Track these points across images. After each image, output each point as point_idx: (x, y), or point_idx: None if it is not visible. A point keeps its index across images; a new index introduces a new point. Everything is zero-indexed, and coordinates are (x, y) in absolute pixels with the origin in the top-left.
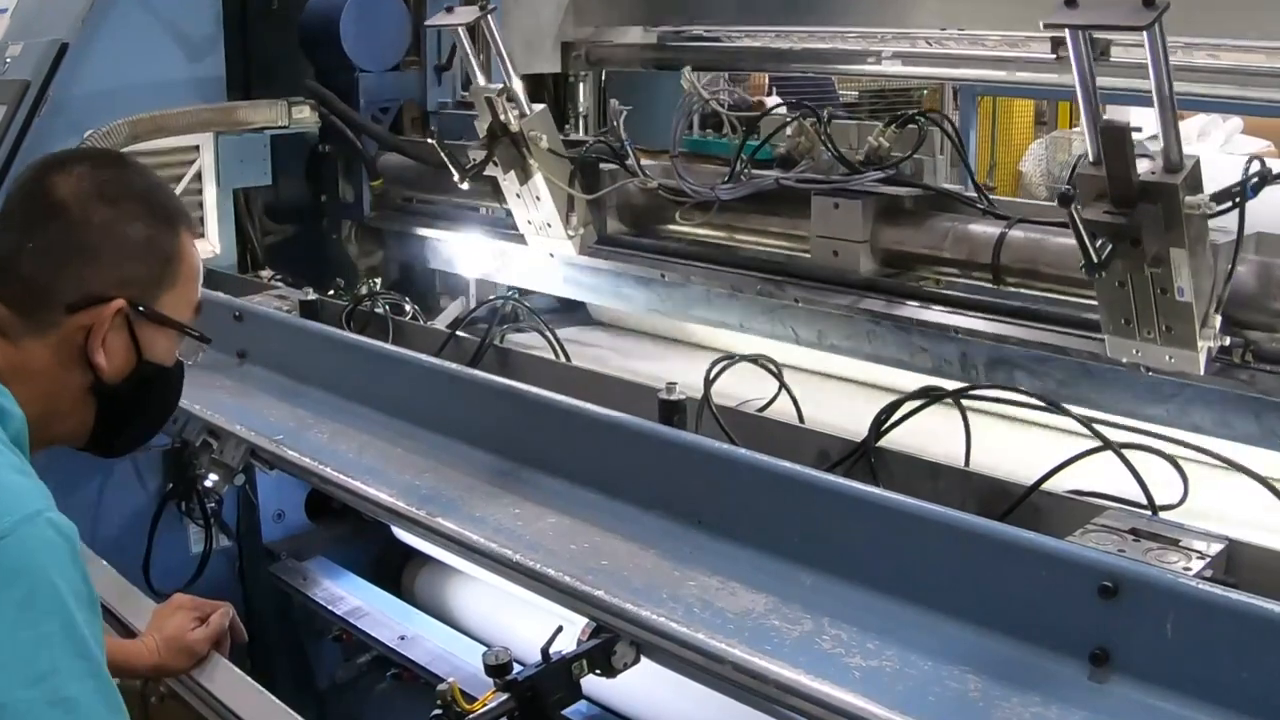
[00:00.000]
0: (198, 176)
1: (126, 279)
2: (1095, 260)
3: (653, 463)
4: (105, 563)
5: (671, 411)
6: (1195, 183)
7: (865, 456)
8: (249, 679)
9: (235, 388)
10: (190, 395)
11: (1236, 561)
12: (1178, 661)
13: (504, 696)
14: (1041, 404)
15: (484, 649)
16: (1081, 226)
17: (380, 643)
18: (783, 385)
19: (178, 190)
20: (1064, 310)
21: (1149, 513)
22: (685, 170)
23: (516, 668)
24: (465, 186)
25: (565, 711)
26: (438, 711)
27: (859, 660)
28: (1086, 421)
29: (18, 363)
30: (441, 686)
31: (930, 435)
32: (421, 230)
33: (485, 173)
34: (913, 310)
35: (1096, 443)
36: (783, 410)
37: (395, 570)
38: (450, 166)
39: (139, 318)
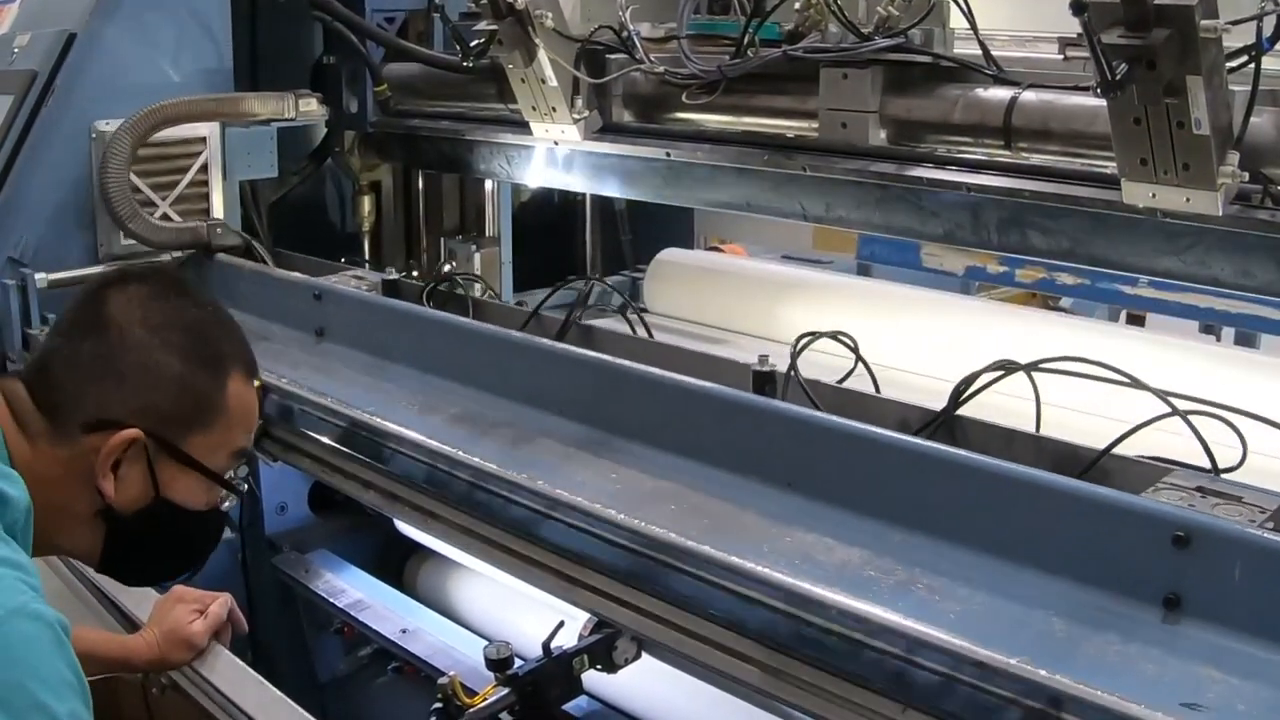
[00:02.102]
0: (204, 168)
1: (148, 410)
2: (1111, 80)
3: (747, 430)
4: None
5: (764, 382)
6: (1211, 6)
7: (945, 424)
8: (250, 670)
9: (317, 363)
10: (270, 369)
11: None
12: (1244, 604)
13: (505, 691)
14: (1119, 378)
15: (485, 643)
16: (1095, 42)
17: (382, 636)
18: (859, 359)
19: (183, 182)
20: (1077, 166)
21: (1211, 474)
22: (691, 51)
23: (518, 662)
24: (470, 64)
25: (566, 707)
26: (438, 705)
27: (953, 605)
28: (1162, 394)
29: (31, 462)
30: (442, 680)
31: (994, 408)
32: (425, 134)
33: (489, 56)
34: (923, 171)
35: (1163, 408)
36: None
37: (397, 564)
38: (456, 42)
39: (159, 453)
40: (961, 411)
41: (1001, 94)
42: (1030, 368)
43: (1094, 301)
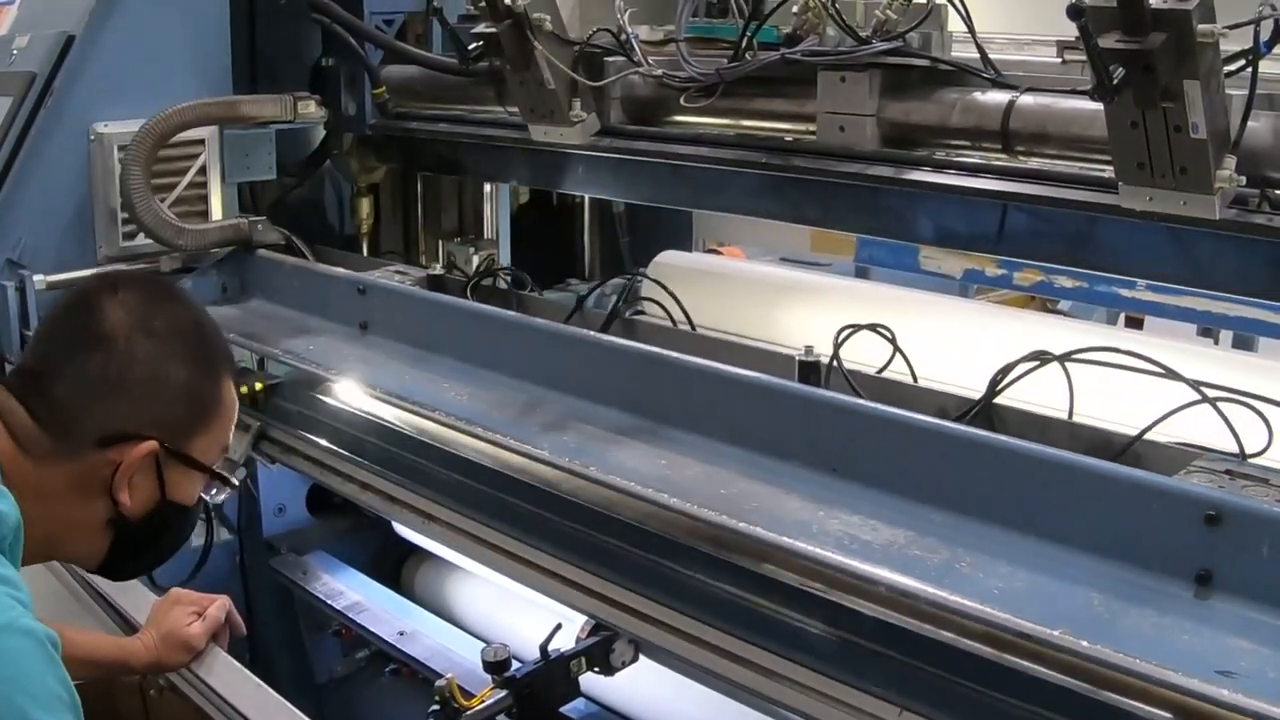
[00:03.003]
0: (202, 170)
1: (161, 420)
2: (1109, 85)
3: (793, 418)
4: None
5: (809, 371)
6: (1208, 10)
7: (982, 412)
8: (247, 672)
9: (362, 354)
10: (318, 358)
11: None
12: (1273, 580)
13: (502, 693)
14: (1152, 368)
15: (483, 645)
16: (1092, 46)
17: (379, 638)
18: (897, 349)
19: (183, 184)
20: (1075, 170)
21: (1238, 458)
22: (690, 54)
23: (515, 664)
24: (468, 67)
25: (564, 709)
26: (435, 707)
27: (996, 582)
28: (1195, 384)
29: (34, 481)
30: (440, 682)
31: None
32: (424, 136)
33: (486, 61)
34: (921, 174)
35: (1184, 399)
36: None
37: (395, 566)
38: (454, 45)
39: (168, 459)
40: (997, 401)
41: (999, 97)
42: (1065, 358)
43: (1092, 304)
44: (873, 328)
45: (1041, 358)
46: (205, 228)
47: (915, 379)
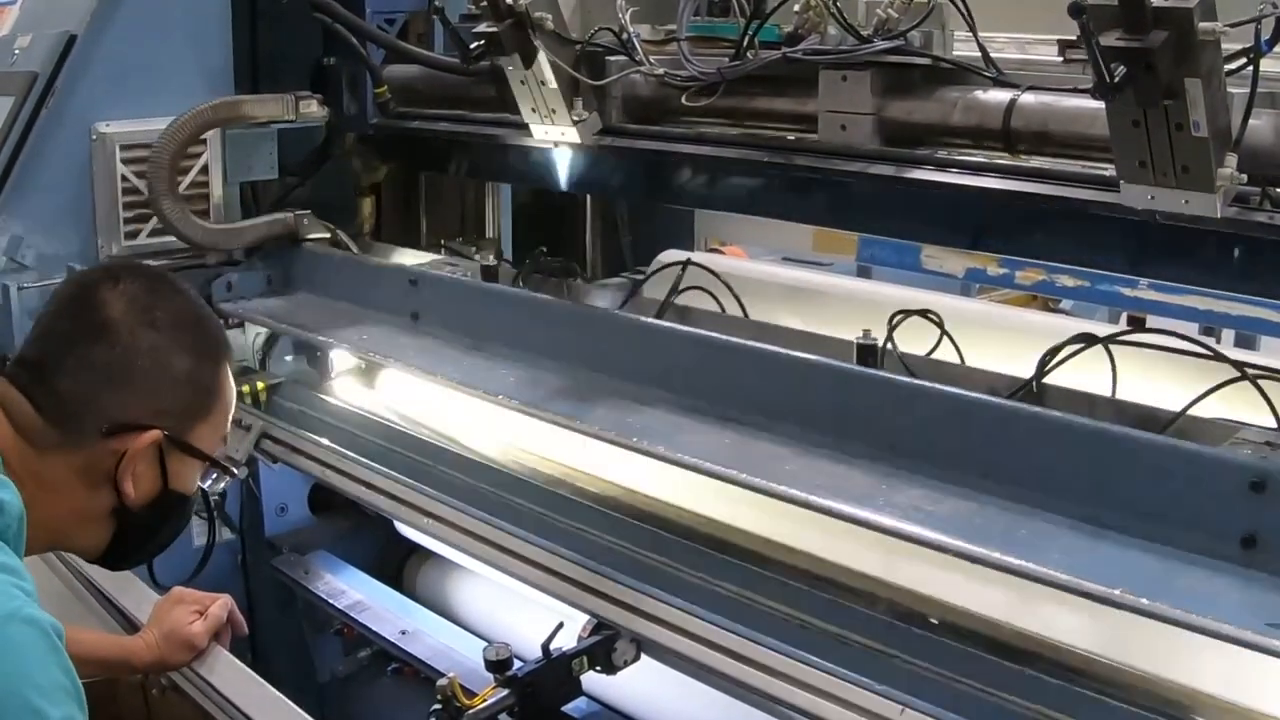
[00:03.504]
0: (204, 170)
1: (164, 409)
2: (1110, 83)
3: (853, 399)
4: None
5: (867, 354)
6: (1209, 8)
7: (1031, 391)
8: (249, 671)
9: (414, 343)
10: (372, 345)
11: None
12: None
13: (504, 692)
14: (1200, 350)
15: (484, 644)
16: (1093, 44)
17: (381, 637)
18: (944, 333)
19: (184, 183)
20: (1077, 168)
21: (1278, 431)
22: (691, 53)
23: (517, 664)
24: (469, 66)
25: (565, 708)
26: (438, 706)
27: (1055, 548)
28: (1239, 365)
29: (37, 471)
30: (442, 681)
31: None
32: (425, 136)
33: (488, 61)
34: (923, 173)
35: (1231, 372)
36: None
37: (397, 565)
38: (455, 44)
39: (171, 448)
40: (1044, 382)
41: (1001, 96)
42: (1109, 340)
43: (1094, 304)
44: (923, 314)
45: (1087, 339)
46: (252, 224)
47: (963, 360)
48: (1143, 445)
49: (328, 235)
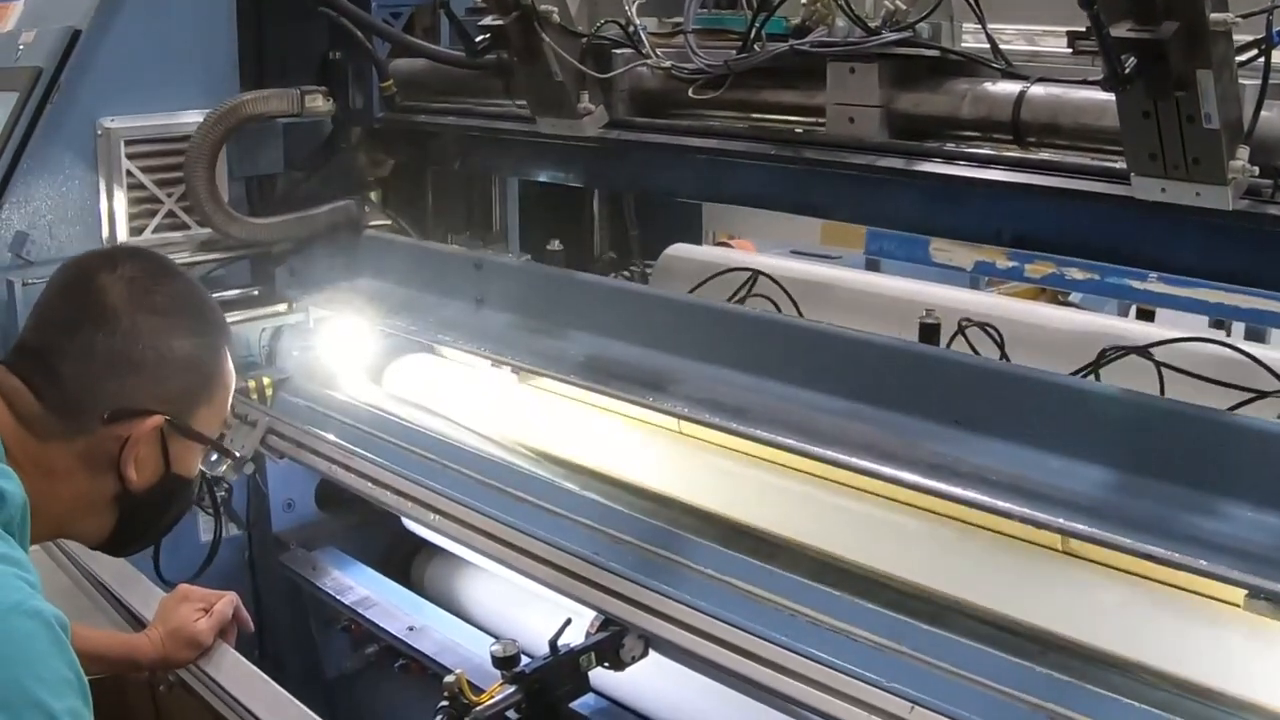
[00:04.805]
0: None
1: (167, 394)
2: (1120, 74)
3: (919, 376)
4: None
5: (930, 333)
6: None
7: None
8: (255, 668)
9: (478, 327)
10: (437, 329)
11: None
12: None
13: (511, 688)
14: (1240, 351)
15: (492, 641)
16: (1104, 35)
17: (388, 633)
18: (1003, 353)
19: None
20: (1087, 161)
21: None
22: (698, 46)
23: (524, 660)
24: (476, 59)
25: (573, 705)
26: (445, 703)
27: (1118, 514)
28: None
29: (40, 459)
30: (449, 678)
31: None
32: (432, 130)
33: (494, 55)
34: (931, 166)
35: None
36: None
37: (404, 561)
38: (461, 38)
39: (173, 432)
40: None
41: (1010, 88)
42: (1157, 345)
43: (1103, 296)
44: (983, 326)
45: (1140, 348)
46: (313, 215)
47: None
48: (1211, 422)
49: (389, 222)
